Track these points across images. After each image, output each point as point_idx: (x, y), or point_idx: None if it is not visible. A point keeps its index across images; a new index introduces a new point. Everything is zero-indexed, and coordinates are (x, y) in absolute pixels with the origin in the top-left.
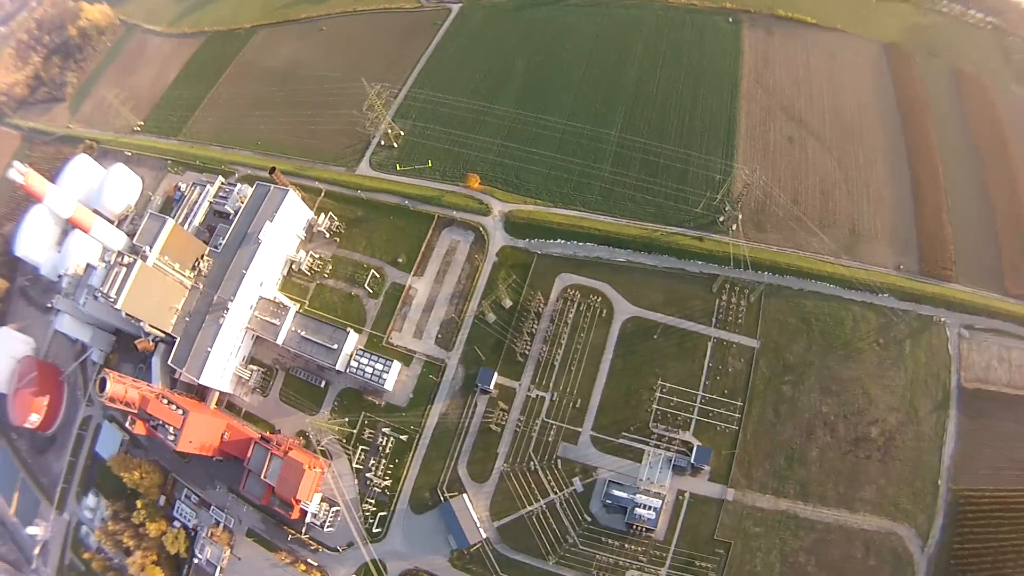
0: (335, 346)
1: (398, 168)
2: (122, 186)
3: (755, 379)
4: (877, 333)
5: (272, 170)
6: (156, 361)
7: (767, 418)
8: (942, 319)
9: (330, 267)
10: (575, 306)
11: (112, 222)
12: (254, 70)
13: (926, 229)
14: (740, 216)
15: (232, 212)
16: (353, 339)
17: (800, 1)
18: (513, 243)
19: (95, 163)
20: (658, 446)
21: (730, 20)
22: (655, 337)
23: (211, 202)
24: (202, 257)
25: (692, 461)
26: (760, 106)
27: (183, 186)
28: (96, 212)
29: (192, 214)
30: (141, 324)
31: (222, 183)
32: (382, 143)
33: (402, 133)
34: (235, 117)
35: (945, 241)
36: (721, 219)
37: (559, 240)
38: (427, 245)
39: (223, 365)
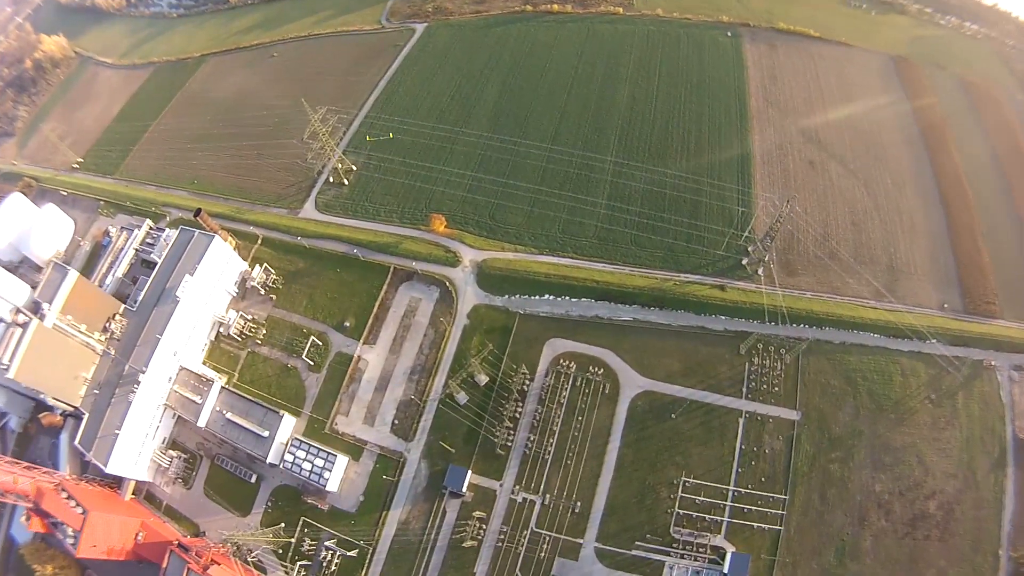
0: (266, 433)
1: (367, 139)
2: (52, 229)
3: (797, 460)
4: (928, 387)
5: (197, 212)
6: (64, 440)
7: (813, 507)
8: (992, 362)
9: (264, 331)
10: (570, 381)
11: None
12: (199, 101)
13: (963, 256)
14: (769, 257)
15: (159, 261)
16: (289, 424)
17: (799, 15)
18: (488, 301)
19: (30, 203)
20: (683, 556)
21: (728, 34)
22: (673, 417)
23: (136, 250)
24: (114, 317)
25: (726, 572)
26: (773, 126)
27: (112, 231)
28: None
29: (117, 263)
30: (42, 396)
31: (150, 228)
32: (330, 180)
33: (354, 168)
34: (174, 153)
35: (984, 269)
36: (745, 261)
37: (547, 296)
38: (381, 305)
39: (137, 449)
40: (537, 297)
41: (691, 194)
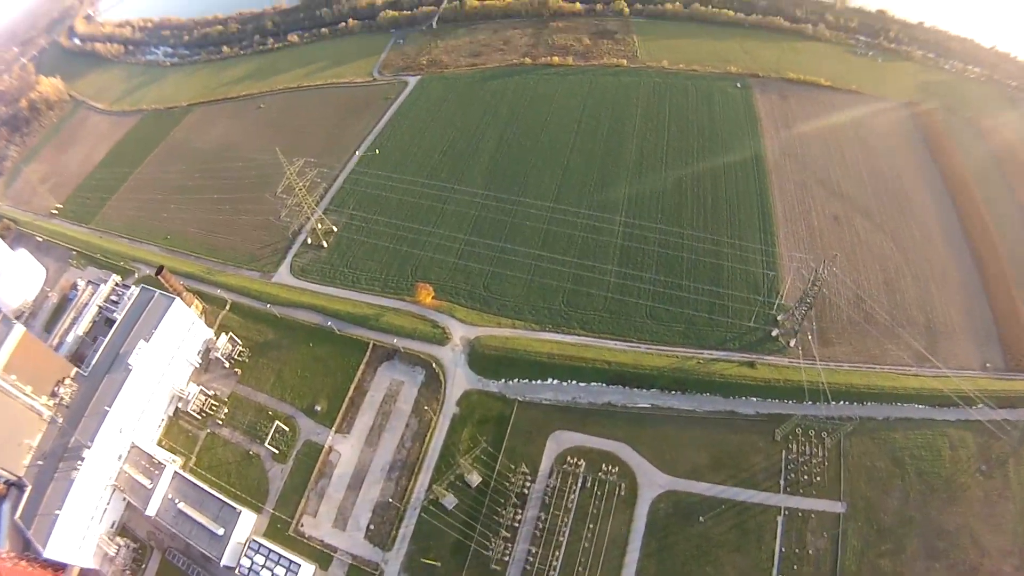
0: (221, 531)
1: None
2: (23, 277)
3: (845, 559)
4: (978, 457)
5: (159, 270)
6: (5, 511)
7: None
8: None
9: (226, 410)
10: (579, 482)
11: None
12: (181, 151)
13: (1000, 309)
14: (804, 325)
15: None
16: (248, 522)
17: (808, 65)
18: (482, 386)
19: (5, 247)
20: None
21: (738, 85)
22: (702, 520)
23: (100, 307)
24: (64, 380)
25: None
26: (793, 180)
27: (80, 283)
28: None
29: (79, 320)
30: None
31: (116, 284)
32: (308, 242)
33: (334, 229)
34: (151, 205)
35: (1022, 321)
36: (776, 332)
37: (550, 380)
38: (357, 388)
39: (81, 532)
40: (539, 381)
41: (711, 257)
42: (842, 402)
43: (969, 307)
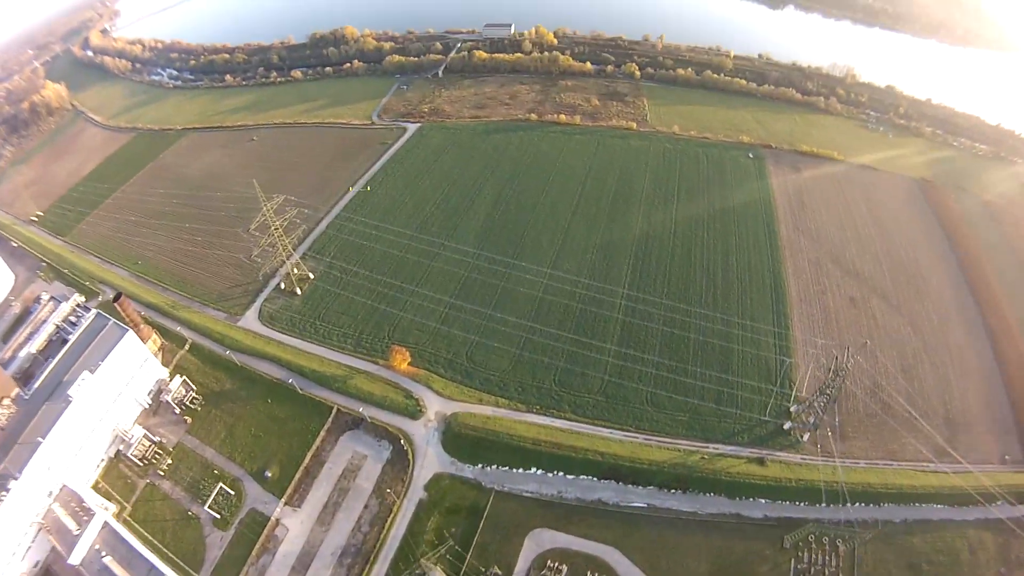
0: None
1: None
2: None
3: None
4: (998, 558)
5: (117, 297)
6: None
7: None
8: None
9: (170, 461)
10: None
11: None
12: (167, 175)
13: (1018, 398)
14: (820, 419)
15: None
16: None
17: (820, 138)
18: (455, 470)
19: None
20: None
21: (750, 156)
22: None
23: (57, 325)
24: (2, 400)
25: None
26: (807, 258)
27: (44, 297)
28: None
29: (34, 336)
30: None
31: (77, 304)
32: (282, 287)
33: (311, 276)
34: (128, 226)
35: None
36: (788, 426)
37: (534, 469)
38: (315, 456)
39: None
40: (521, 470)
41: (720, 339)
42: (858, 504)
43: (988, 396)
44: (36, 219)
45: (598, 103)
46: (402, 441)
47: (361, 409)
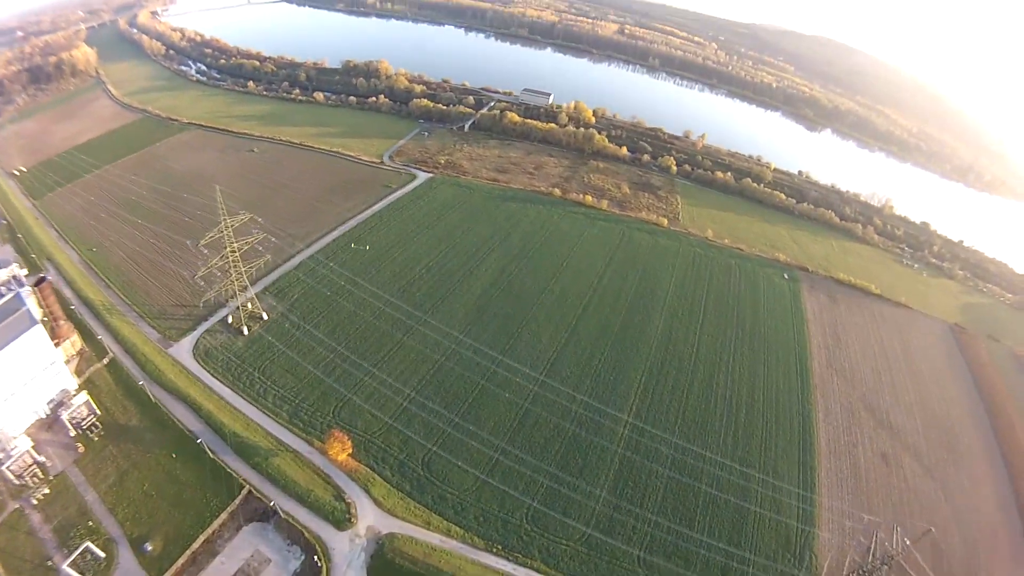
0: None
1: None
2: None
3: None
4: None
5: (40, 281)
6: None
7: None
8: None
9: (47, 491)
10: None
11: None
12: (155, 165)
13: None
14: None
15: None
16: None
17: (856, 266)
18: None
19: None
20: None
21: (786, 276)
22: None
23: None
24: None
25: None
26: (839, 402)
27: None
28: None
29: None
30: None
31: (12, 276)
32: (229, 321)
33: (264, 317)
34: (97, 208)
35: None
36: None
37: None
38: (207, 542)
39: None
40: None
41: (736, 496)
42: None
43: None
44: (17, 173)
45: (628, 191)
46: (317, 557)
47: (275, 500)
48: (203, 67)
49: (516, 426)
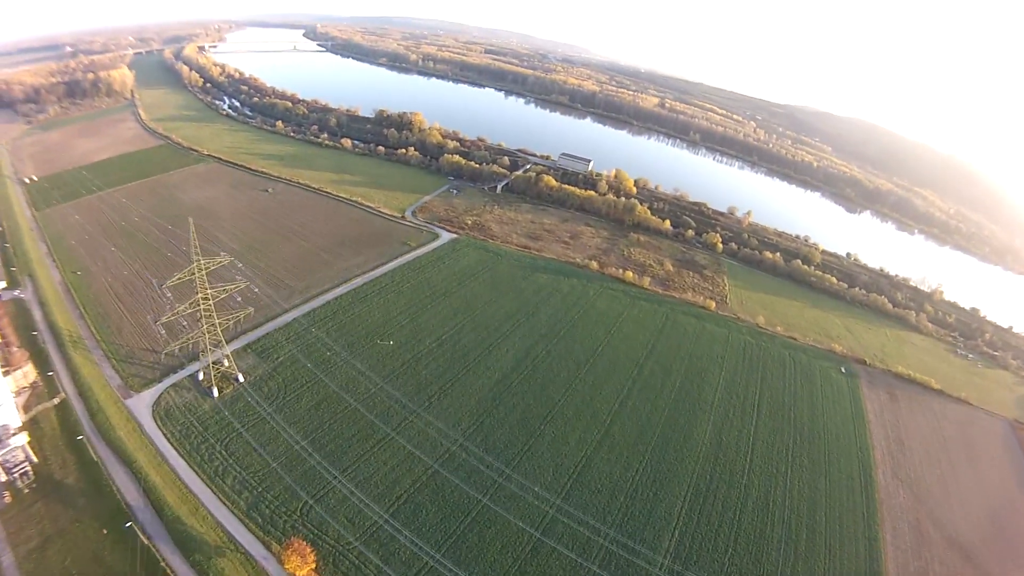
0: None
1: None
2: None
3: None
4: None
5: None
6: None
7: None
8: None
9: None
10: None
11: None
12: (162, 193)
13: None
14: None
15: None
16: None
17: (911, 357)
18: None
19: None
20: None
21: (843, 371)
22: None
23: None
24: None
25: None
26: (906, 519)
27: None
28: None
29: None
30: None
31: None
32: (200, 378)
33: (240, 379)
34: (94, 229)
35: None
36: None
37: None
38: None
39: None
40: None
41: None
42: None
43: None
44: (28, 182)
45: (672, 269)
46: None
47: None
48: (236, 103)
49: (522, 566)
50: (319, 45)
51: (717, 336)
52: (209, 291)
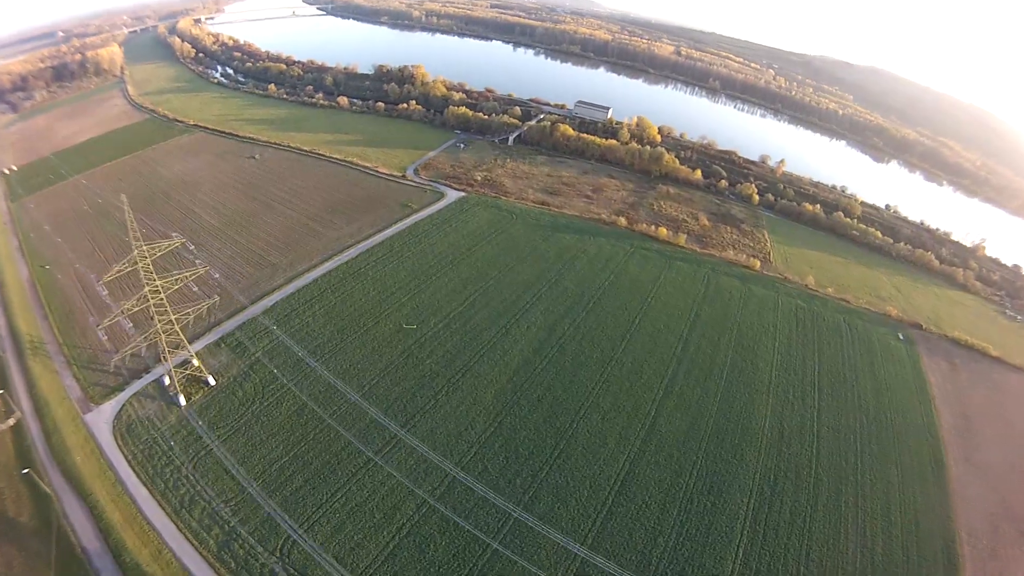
0: None
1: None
2: None
3: None
4: None
5: None
6: None
7: None
8: None
9: None
10: None
11: None
12: (144, 170)
13: None
14: None
15: None
16: None
17: (963, 319)
18: None
19: None
20: None
21: (900, 337)
22: None
23: None
24: None
25: None
26: (981, 511)
27: None
28: None
29: None
30: None
31: None
32: (165, 383)
33: (211, 382)
34: (67, 216)
35: None
36: None
37: None
38: None
39: None
40: None
41: None
42: None
43: None
44: (7, 172)
45: (708, 224)
46: None
47: None
48: (230, 70)
49: None
50: (319, 8)
51: (766, 300)
52: (159, 283)
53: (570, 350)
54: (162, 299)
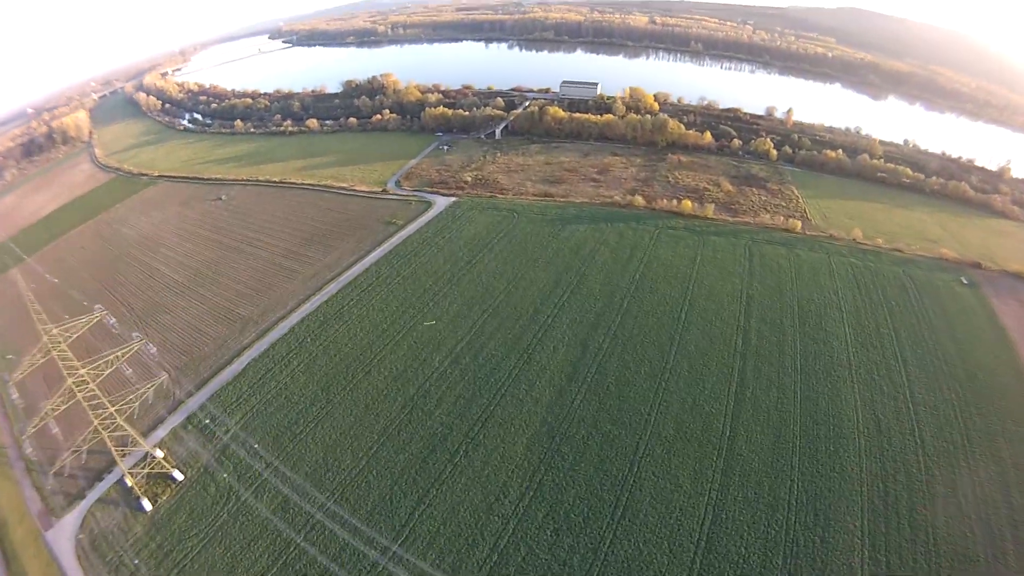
0: None
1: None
2: None
3: None
4: None
5: None
6: None
7: None
8: None
9: None
10: None
11: None
12: (106, 232)
13: None
14: None
15: None
16: None
17: (1018, 252)
18: None
19: None
20: None
21: (964, 281)
22: None
23: None
24: None
25: None
26: None
27: None
28: None
29: None
30: None
31: None
32: (128, 485)
33: (178, 476)
34: (34, 297)
35: None
36: None
37: None
38: None
39: None
40: None
41: None
42: None
43: None
44: None
45: (732, 188)
46: None
47: None
48: (196, 115)
49: None
50: (284, 42)
51: (818, 265)
52: (83, 371)
53: (611, 369)
54: (93, 390)
